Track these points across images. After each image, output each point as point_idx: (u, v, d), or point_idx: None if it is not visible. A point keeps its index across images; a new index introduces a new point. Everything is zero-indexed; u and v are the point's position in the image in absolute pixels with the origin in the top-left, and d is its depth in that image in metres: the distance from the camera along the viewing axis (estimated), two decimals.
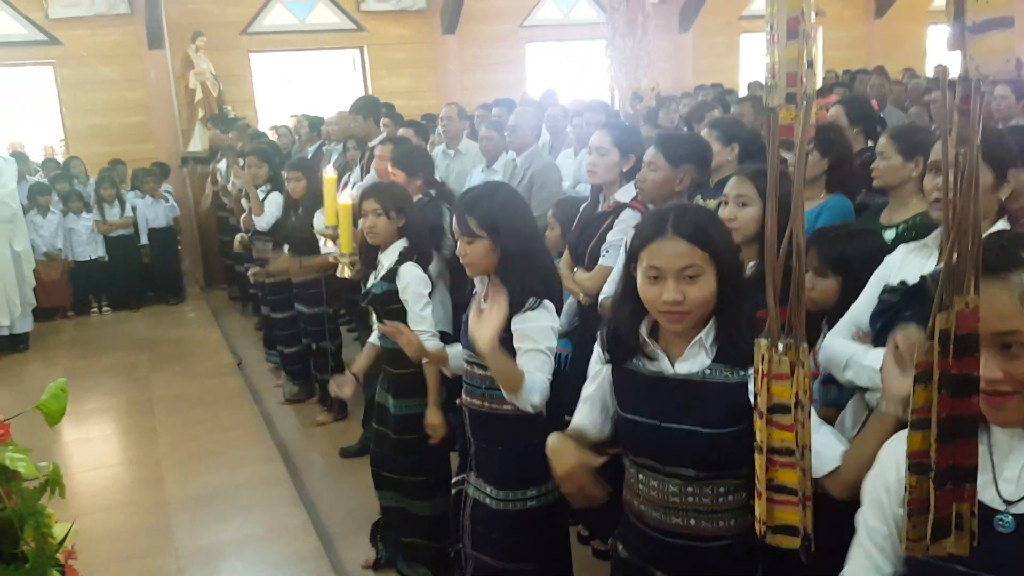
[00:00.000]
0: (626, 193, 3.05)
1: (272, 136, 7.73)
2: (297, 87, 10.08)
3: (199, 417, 5.09)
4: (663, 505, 1.74)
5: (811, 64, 0.91)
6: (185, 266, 8.77)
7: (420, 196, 3.79)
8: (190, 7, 9.13)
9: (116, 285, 7.96)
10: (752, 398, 1.53)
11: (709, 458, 1.67)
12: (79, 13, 8.73)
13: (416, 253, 3.16)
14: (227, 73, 9.34)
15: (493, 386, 2.32)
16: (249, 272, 5.39)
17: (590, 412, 1.94)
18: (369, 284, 3.23)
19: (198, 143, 9.11)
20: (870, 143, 3.82)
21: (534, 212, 2.82)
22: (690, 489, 1.70)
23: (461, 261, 2.34)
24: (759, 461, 1.04)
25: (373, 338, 3.33)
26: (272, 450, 4.53)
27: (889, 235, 2.57)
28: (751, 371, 1.47)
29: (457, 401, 2.56)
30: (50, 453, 4.69)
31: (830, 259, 2.16)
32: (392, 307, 3.12)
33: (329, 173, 3.58)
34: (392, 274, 3.12)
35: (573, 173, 5.03)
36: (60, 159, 8.80)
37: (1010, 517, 1.11)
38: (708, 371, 1.69)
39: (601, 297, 2.85)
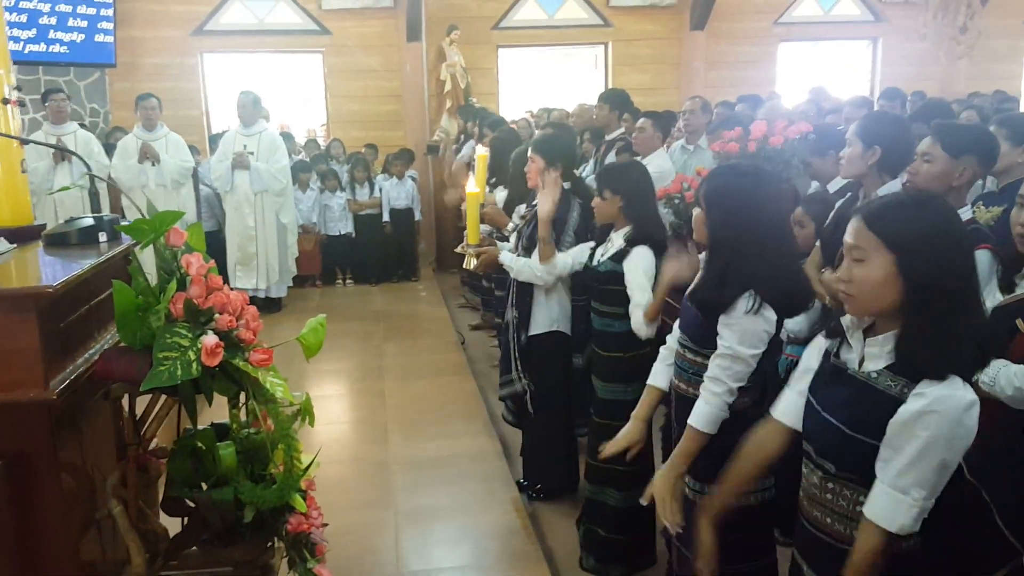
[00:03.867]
0: (889, 190, 2.78)
1: None
2: (539, 82, 10.29)
3: (423, 387, 5.32)
4: (809, 495, 1.75)
5: None
6: (421, 248, 9.25)
7: None
8: (449, 2, 9.59)
9: (360, 260, 8.55)
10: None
11: (847, 459, 1.62)
12: (348, 5, 9.45)
13: (647, 238, 3.08)
14: (475, 66, 9.72)
15: (700, 371, 2.22)
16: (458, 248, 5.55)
17: (796, 397, 1.85)
18: (595, 260, 3.23)
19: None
20: None
21: None
22: (830, 485, 1.67)
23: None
24: None
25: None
26: (488, 426, 4.63)
27: None
28: (923, 391, 1.48)
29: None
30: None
31: None
32: (610, 287, 3.10)
33: (480, 151, 3.61)
34: (621, 255, 3.08)
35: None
36: (321, 142, 9.59)
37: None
38: (876, 375, 1.60)
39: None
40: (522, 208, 4.10)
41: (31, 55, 7.82)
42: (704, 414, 2.18)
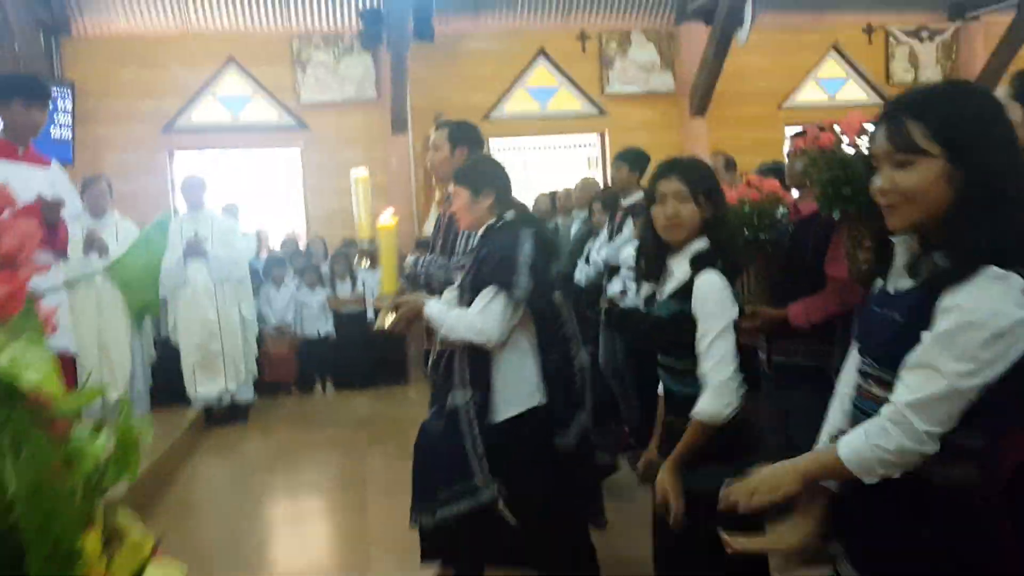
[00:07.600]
0: None
1: None
2: (532, 173, 9.68)
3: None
4: None
5: None
6: (412, 352, 8.32)
7: (492, 220, 2.84)
8: (436, 93, 9.06)
9: (342, 364, 7.61)
10: None
11: None
12: (329, 98, 8.93)
13: (719, 258, 2.19)
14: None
15: None
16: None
17: None
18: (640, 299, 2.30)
19: (431, 227, 8.84)
20: None
21: None
22: None
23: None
24: None
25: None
26: None
27: None
28: None
29: None
30: (263, 525, 4.16)
31: None
32: (682, 340, 2.15)
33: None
34: (687, 290, 2.16)
35: None
36: (302, 241, 8.83)
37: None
38: None
39: None
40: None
41: None
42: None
